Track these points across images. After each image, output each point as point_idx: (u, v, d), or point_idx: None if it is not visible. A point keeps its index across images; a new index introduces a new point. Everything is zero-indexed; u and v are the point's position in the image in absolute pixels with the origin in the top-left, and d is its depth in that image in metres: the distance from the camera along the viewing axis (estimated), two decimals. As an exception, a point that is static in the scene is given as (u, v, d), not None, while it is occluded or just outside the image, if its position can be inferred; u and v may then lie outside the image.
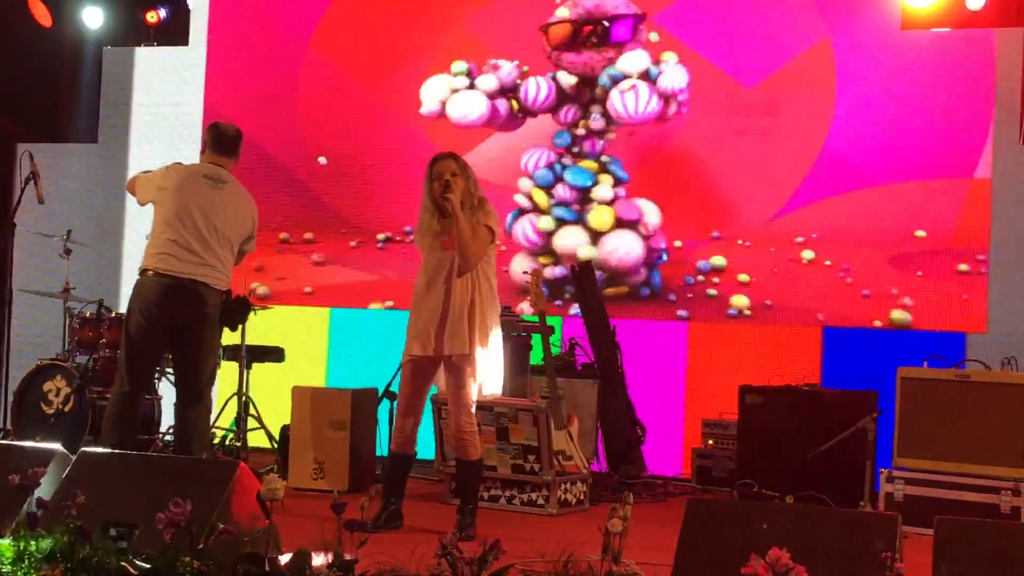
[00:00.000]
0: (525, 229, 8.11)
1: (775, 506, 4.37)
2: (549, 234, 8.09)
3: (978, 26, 7.44)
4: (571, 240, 8.04)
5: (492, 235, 5.11)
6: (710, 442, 7.15)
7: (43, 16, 8.98)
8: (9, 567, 3.38)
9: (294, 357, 7.70)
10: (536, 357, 6.56)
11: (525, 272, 7.94)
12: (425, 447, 7.00)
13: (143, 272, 5.55)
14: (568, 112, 8.09)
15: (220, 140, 5.68)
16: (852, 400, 6.42)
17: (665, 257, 7.88)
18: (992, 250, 7.27)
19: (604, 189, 8.00)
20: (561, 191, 8.07)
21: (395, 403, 6.73)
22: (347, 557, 3.30)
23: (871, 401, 6.36)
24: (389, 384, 6.81)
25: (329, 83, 8.61)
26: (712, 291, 7.74)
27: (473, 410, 5.18)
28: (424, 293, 5.10)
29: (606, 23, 8.05)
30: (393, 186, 8.37)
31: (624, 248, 7.94)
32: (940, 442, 5.79)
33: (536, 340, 6.43)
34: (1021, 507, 5.54)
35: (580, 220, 8.04)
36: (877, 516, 3.71)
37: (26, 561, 3.38)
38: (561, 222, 8.06)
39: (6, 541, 3.51)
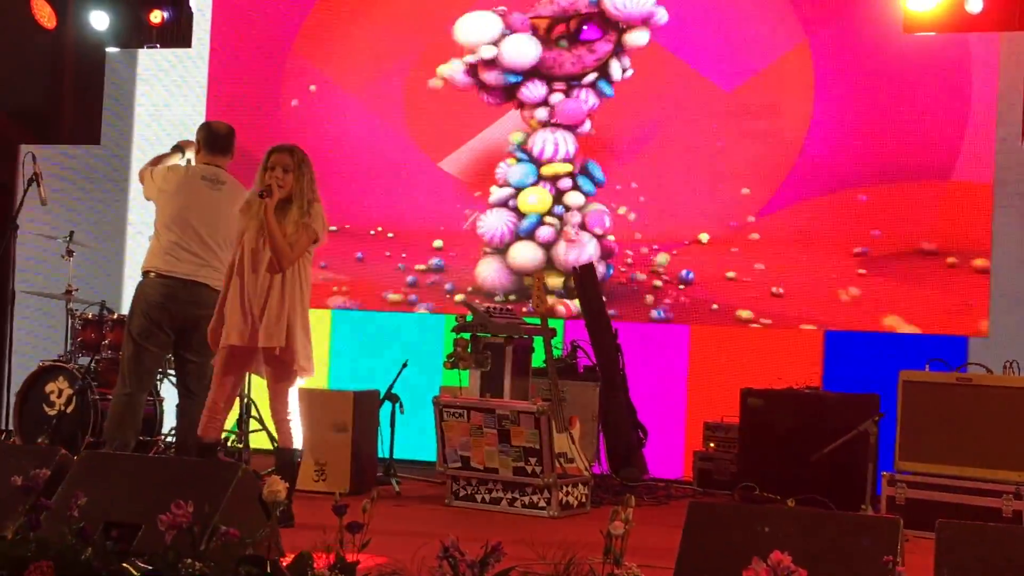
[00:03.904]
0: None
1: (777, 509, 4.36)
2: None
3: (979, 30, 7.46)
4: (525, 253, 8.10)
5: (315, 237, 5.09)
6: (711, 445, 7.15)
7: (48, 18, 8.99)
8: (10, 569, 3.39)
9: (296, 359, 7.69)
10: (538, 359, 6.56)
11: (528, 275, 7.96)
12: (426, 449, 7.03)
13: (145, 274, 5.61)
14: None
15: (213, 140, 5.71)
16: (854, 403, 6.42)
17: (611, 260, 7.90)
18: (994, 253, 7.27)
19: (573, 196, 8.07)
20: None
21: (397, 405, 6.76)
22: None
23: (873, 404, 6.36)
24: (391, 386, 6.82)
25: (321, 85, 8.63)
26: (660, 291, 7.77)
27: (289, 399, 5.18)
28: (245, 282, 5.05)
29: (580, 21, 8.06)
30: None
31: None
32: (942, 446, 5.79)
33: (538, 342, 6.43)
34: (1023, 510, 5.54)
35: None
36: (879, 519, 3.71)
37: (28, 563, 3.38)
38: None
39: (8, 542, 3.51)
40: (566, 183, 8.07)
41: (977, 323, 7.27)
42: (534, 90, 8.13)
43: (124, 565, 3.35)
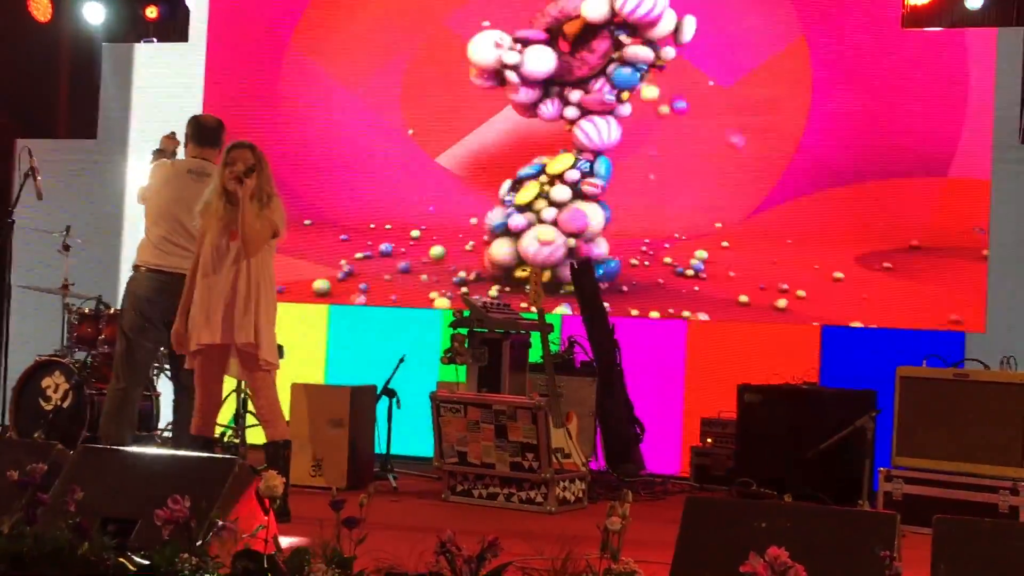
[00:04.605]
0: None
1: (773, 505, 4.37)
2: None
3: (977, 25, 7.46)
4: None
5: (275, 230, 5.14)
6: (709, 440, 7.15)
7: (43, 11, 8.96)
8: (7, 564, 3.38)
9: (293, 354, 7.69)
10: (535, 355, 6.56)
11: (523, 270, 7.95)
12: (423, 444, 7.03)
13: (135, 268, 5.68)
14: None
15: (200, 132, 5.76)
16: (851, 399, 6.43)
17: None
18: (991, 249, 7.28)
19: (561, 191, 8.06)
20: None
21: (394, 400, 6.77)
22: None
23: (870, 400, 6.37)
24: (388, 381, 6.82)
25: (318, 80, 8.62)
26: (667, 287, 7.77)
27: (273, 392, 5.20)
28: (210, 282, 5.07)
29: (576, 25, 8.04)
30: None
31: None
32: (938, 441, 5.79)
33: (535, 338, 6.43)
34: (1019, 506, 5.54)
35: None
36: (875, 515, 3.71)
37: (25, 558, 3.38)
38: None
39: (4, 537, 3.51)
40: (572, 175, 8.04)
41: (974, 319, 7.27)
42: (550, 108, 8.06)
43: (121, 560, 3.35)
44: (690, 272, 7.79)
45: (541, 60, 8.05)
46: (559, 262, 7.92)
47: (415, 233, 8.29)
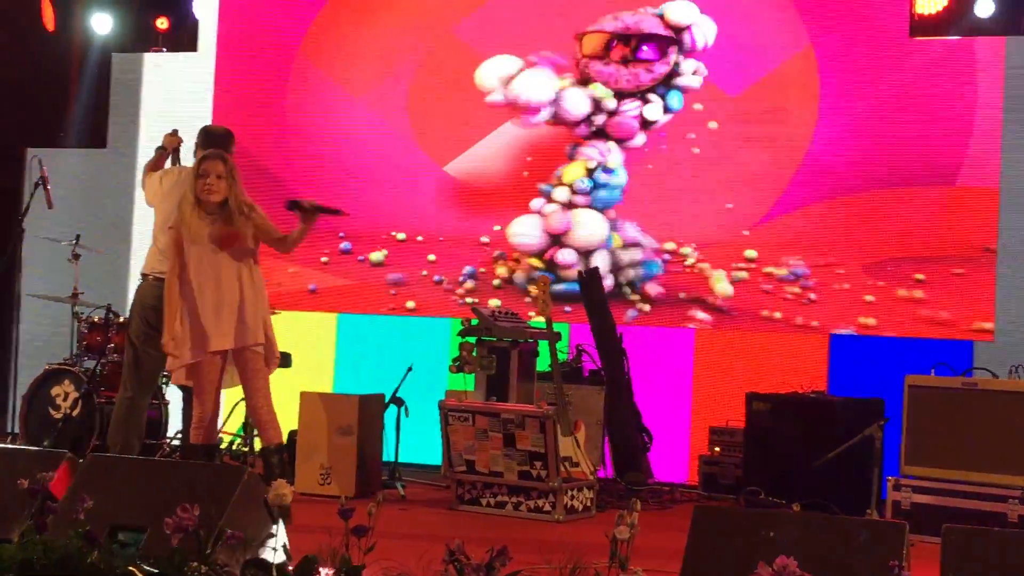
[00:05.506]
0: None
1: (782, 514, 4.36)
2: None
3: (986, 34, 7.46)
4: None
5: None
6: (716, 449, 7.14)
7: (49, 20, 9.01)
8: (17, 572, 3.39)
9: (301, 362, 7.71)
10: (543, 363, 6.57)
11: (532, 279, 7.96)
12: (431, 453, 7.03)
13: (143, 276, 5.71)
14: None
15: (209, 141, 5.79)
16: (859, 408, 6.41)
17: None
18: (999, 258, 7.26)
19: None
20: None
21: (402, 409, 6.77)
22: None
23: (878, 409, 6.36)
24: (396, 389, 6.82)
25: (327, 89, 8.64)
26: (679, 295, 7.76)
27: (270, 393, 5.24)
28: (209, 290, 5.09)
29: (639, 41, 8.02)
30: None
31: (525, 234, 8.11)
32: (947, 450, 5.78)
33: (543, 346, 6.44)
34: (1028, 516, 5.53)
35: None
36: (884, 524, 3.70)
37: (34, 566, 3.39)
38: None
39: (14, 545, 3.52)
40: (578, 185, 8.05)
41: (983, 328, 7.26)
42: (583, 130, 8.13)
43: (130, 568, 3.36)
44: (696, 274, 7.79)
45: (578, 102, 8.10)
46: (527, 252, 8.07)
47: (401, 235, 8.30)
